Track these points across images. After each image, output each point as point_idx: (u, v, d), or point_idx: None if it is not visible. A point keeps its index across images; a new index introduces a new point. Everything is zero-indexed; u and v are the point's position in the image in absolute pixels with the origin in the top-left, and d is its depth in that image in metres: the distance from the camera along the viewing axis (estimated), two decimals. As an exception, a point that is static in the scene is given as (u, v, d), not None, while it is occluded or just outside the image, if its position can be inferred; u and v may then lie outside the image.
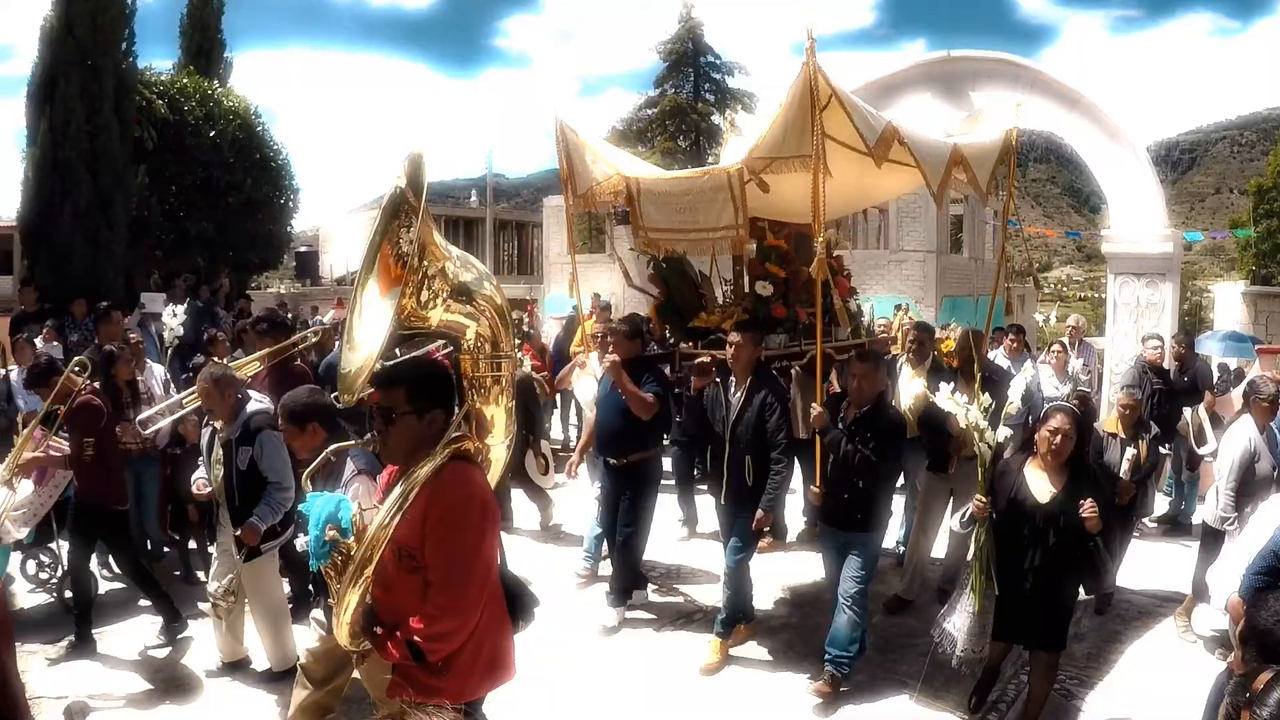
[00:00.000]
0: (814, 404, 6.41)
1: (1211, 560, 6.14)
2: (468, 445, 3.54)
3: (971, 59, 12.95)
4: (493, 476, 3.86)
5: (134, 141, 17.95)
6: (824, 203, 5.90)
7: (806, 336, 7.56)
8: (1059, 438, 5.24)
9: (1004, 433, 5.61)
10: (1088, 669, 6.60)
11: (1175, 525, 10.25)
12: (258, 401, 6.30)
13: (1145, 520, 10.03)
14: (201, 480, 6.35)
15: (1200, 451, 10.10)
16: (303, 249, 35.38)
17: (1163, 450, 9.25)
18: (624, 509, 7.45)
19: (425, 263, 3.52)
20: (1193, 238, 20.55)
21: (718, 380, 6.84)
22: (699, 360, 7.16)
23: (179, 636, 6.90)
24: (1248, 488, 6.74)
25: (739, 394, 6.63)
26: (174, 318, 8.84)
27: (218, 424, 6.22)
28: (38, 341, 10.74)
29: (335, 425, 5.19)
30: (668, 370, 7.76)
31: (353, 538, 3.44)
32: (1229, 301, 26.06)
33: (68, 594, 7.31)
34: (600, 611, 7.44)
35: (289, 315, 17.13)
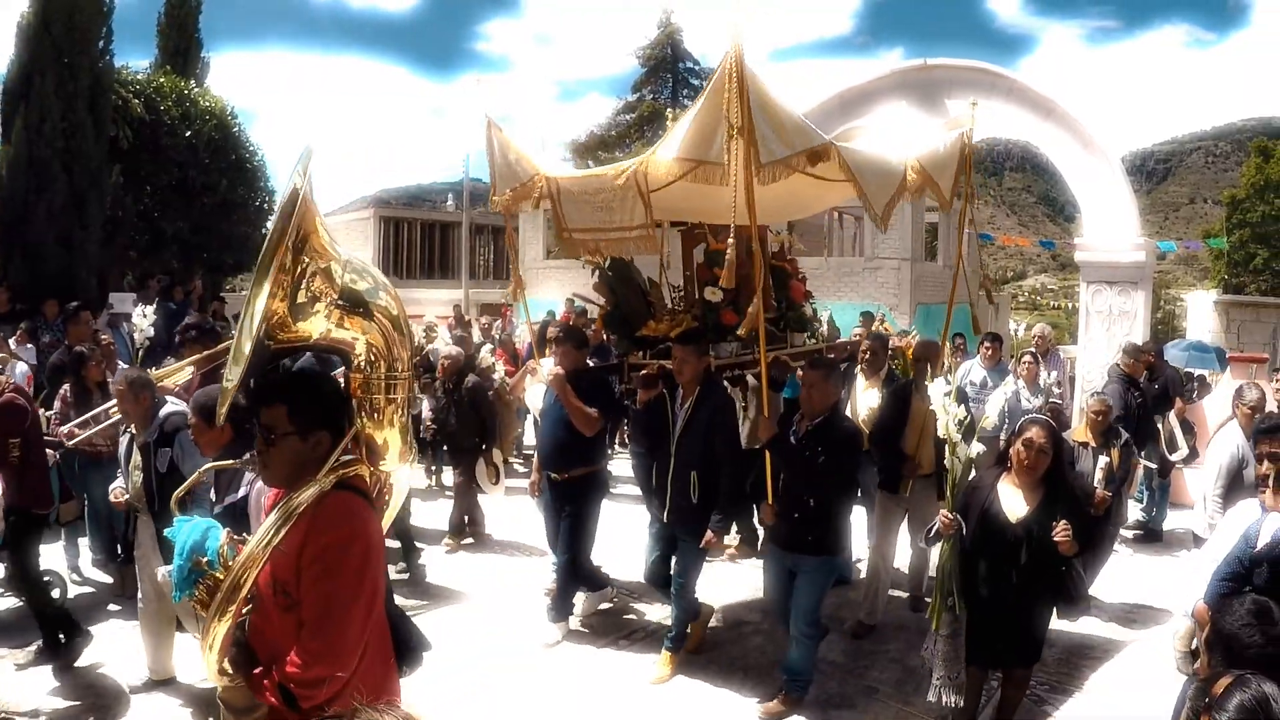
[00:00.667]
0: (763, 416, 6.09)
1: None
2: (360, 472, 3.27)
3: (947, 67, 13.04)
4: (395, 503, 3.64)
5: (109, 141, 17.84)
6: (746, 207, 5.56)
7: (755, 344, 7.21)
8: (1033, 452, 5.01)
9: (976, 448, 5.20)
10: (1058, 674, 6.62)
11: (1147, 533, 10.31)
12: (174, 404, 6.24)
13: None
14: (118, 489, 6.30)
15: (1172, 458, 10.18)
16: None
17: (1141, 458, 9.22)
18: (565, 526, 7.23)
19: (305, 259, 3.13)
20: (1166, 247, 20.67)
21: (665, 392, 6.65)
22: (644, 372, 6.97)
23: (76, 653, 6.66)
24: (1235, 494, 6.69)
25: (686, 407, 6.43)
26: (144, 319, 8.78)
27: (134, 429, 6.17)
28: (11, 343, 10.65)
29: (246, 430, 4.90)
30: (617, 381, 7.64)
31: (220, 569, 3.13)
32: (1201, 310, 26.28)
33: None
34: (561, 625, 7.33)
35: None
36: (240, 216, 21.96)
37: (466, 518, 9.91)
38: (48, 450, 7.01)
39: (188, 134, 19.84)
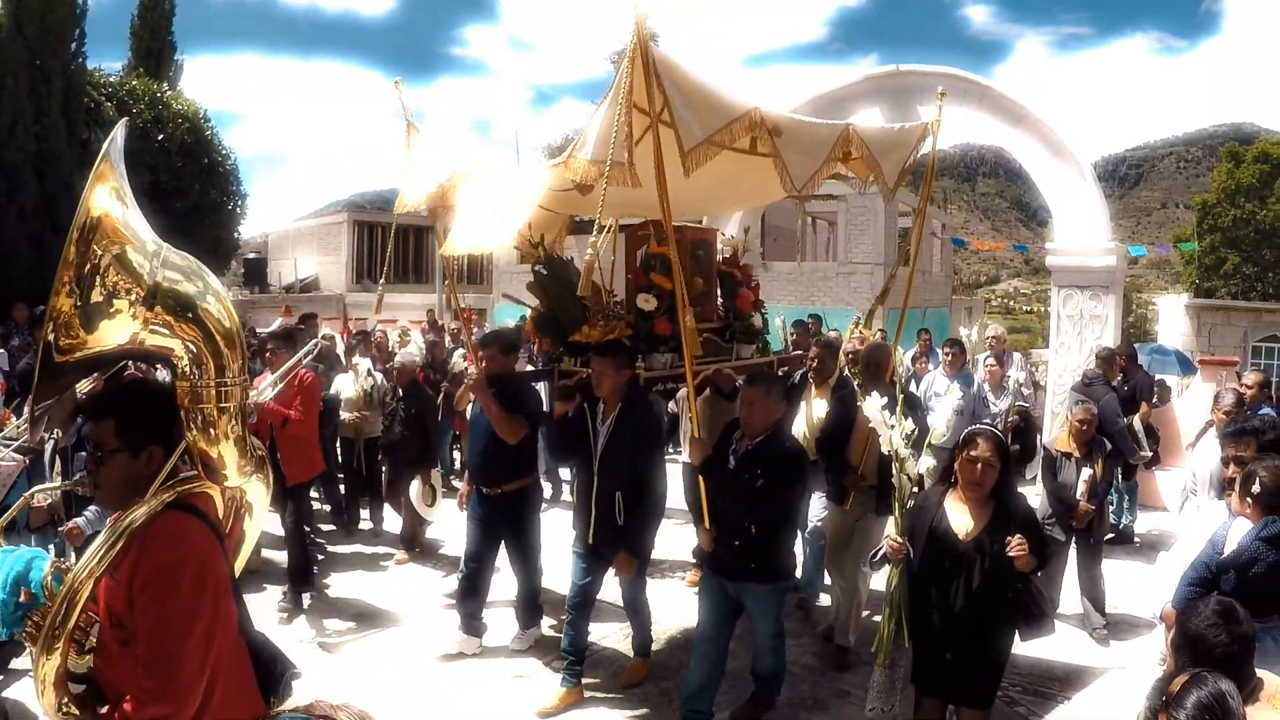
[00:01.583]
0: (694, 436, 5.65)
1: None
2: (204, 490, 3.01)
3: (920, 74, 13.08)
4: (256, 524, 3.42)
5: (81, 144, 17.77)
6: (664, 204, 5.24)
7: (702, 354, 6.80)
8: (979, 467, 4.55)
9: (925, 463, 4.90)
10: (1029, 676, 6.64)
11: (1119, 536, 10.37)
12: None
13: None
14: (40, 494, 6.25)
15: (1131, 461, 10.24)
16: (251, 256, 35.09)
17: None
18: (512, 553, 6.99)
19: (98, 249, 2.77)
20: (1137, 252, 20.82)
21: (585, 405, 6.25)
22: (560, 383, 6.54)
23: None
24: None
25: (608, 423, 6.05)
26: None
27: (57, 434, 6.13)
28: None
29: None
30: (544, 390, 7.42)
31: (47, 601, 2.88)
32: (1172, 314, 26.49)
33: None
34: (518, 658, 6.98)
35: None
36: (213, 220, 21.88)
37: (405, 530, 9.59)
38: (17, 456, 6.96)
39: (160, 137, 19.75)
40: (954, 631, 4.61)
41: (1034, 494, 9.60)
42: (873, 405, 5.02)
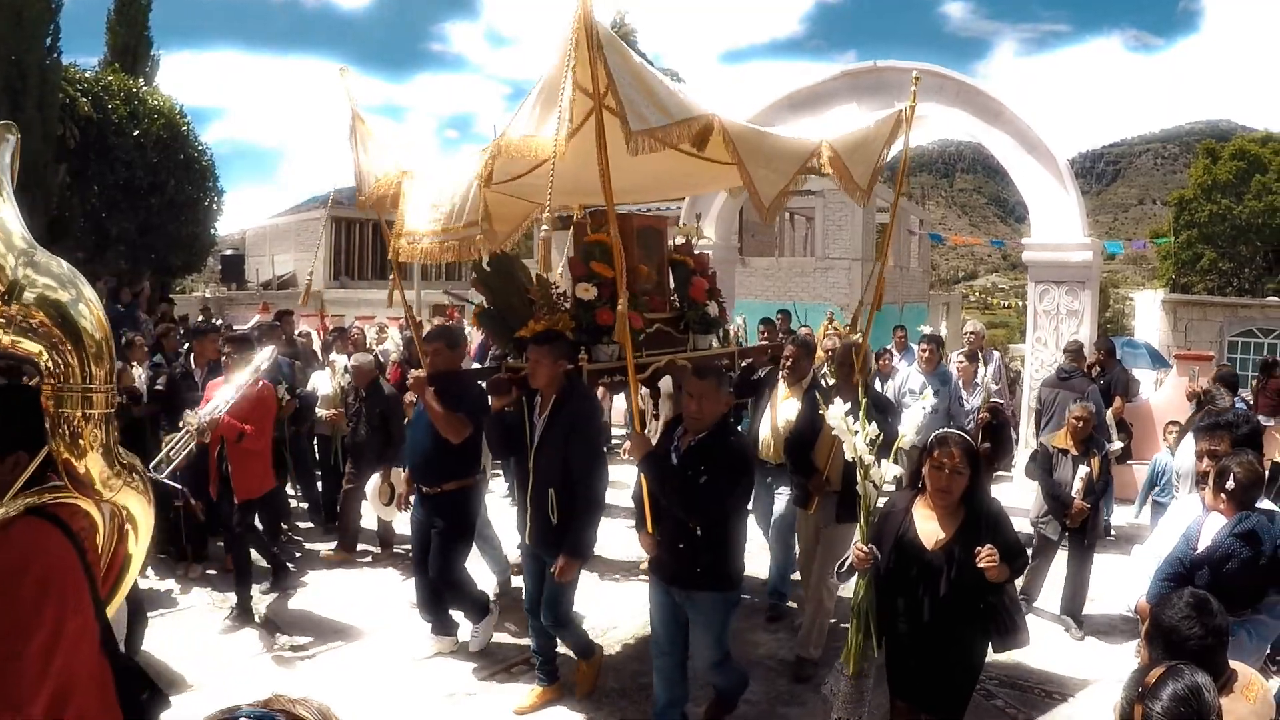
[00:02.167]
0: (634, 430, 5.48)
1: None
2: (65, 500, 2.86)
3: (897, 70, 13.09)
4: (142, 547, 3.23)
5: (56, 139, 17.66)
6: (606, 187, 5.00)
7: (650, 346, 6.77)
8: (945, 473, 4.31)
9: (891, 470, 4.63)
10: (1008, 669, 6.64)
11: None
12: None
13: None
14: None
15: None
16: (228, 253, 34.93)
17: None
18: (434, 547, 6.64)
19: None
20: (1113, 248, 20.94)
21: (524, 400, 5.97)
22: (496, 376, 6.26)
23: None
24: None
25: (543, 416, 5.78)
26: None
27: None
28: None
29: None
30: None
31: None
32: (1149, 309, 26.63)
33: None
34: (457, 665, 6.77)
35: (215, 320, 16.92)
36: (189, 217, 21.78)
37: (341, 530, 9.39)
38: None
39: (135, 133, 19.65)
40: (922, 642, 4.41)
41: (1031, 490, 9.64)
42: (835, 413, 4.70)
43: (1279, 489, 5.95)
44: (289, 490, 10.34)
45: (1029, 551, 7.01)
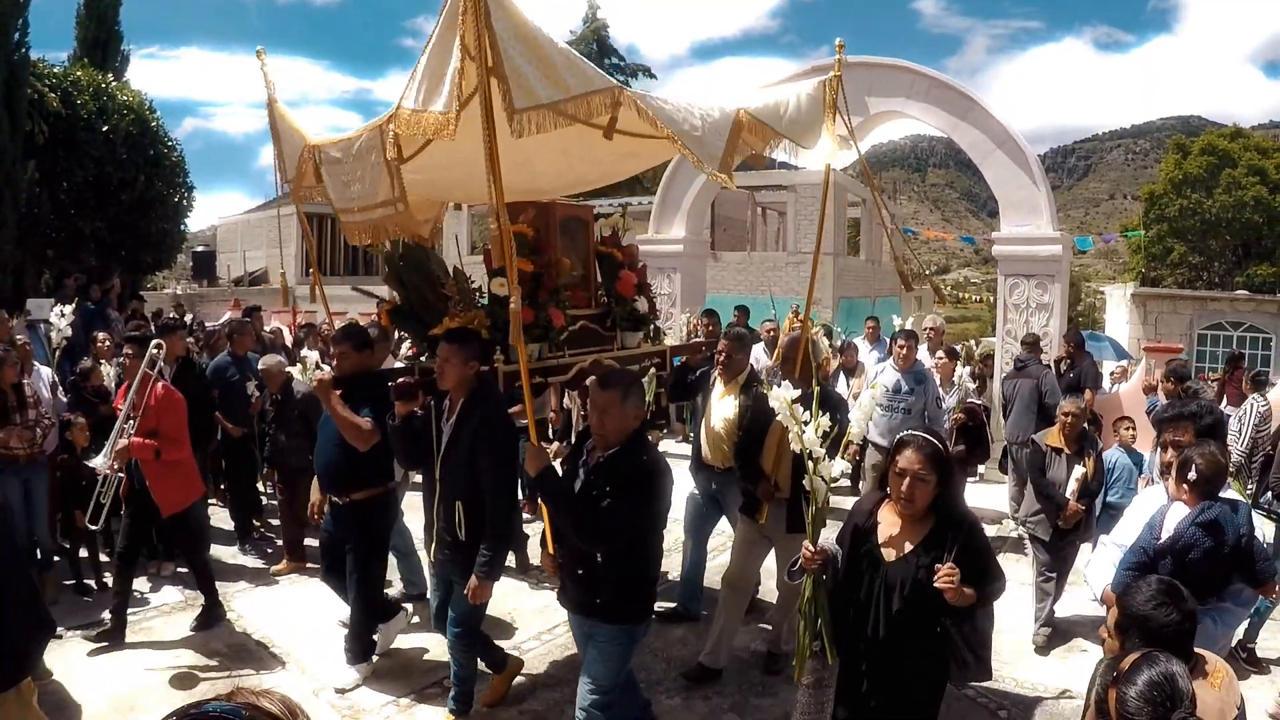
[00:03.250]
0: (530, 442, 4.81)
1: None
2: None
3: (867, 65, 13.19)
4: None
5: (25, 135, 17.53)
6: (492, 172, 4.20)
7: (573, 345, 6.33)
8: (906, 481, 3.92)
9: (839, 466, 4.29)
10: (993, 664, 6.67)
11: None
12: None
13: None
14: None
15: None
16: (199, 249, 34.79)
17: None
18: (350, 562, 6.23)
19: None
20: (1083, 244, 21.08)
21: (433, 404, 5.52)
22: (400, 380, 5.66)
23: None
24: None
25: (450, 422, 5.32)
26: (61, 319, 8.65)
27: None
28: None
29: None
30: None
31: None
32: (1121, 303, 26.82)
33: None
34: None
35: (186, 316, 16.84)
36: (159, 213, 21.64)
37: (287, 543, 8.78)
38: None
39: (105, 129, 19.51)
40: (874, 660, 4.05)
41: (1002, 492, 9.67)
42: (779, 394, 4.39)
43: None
44: (262, 488, 10.30)
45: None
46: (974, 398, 10.37)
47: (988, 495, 11.26)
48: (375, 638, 6.49)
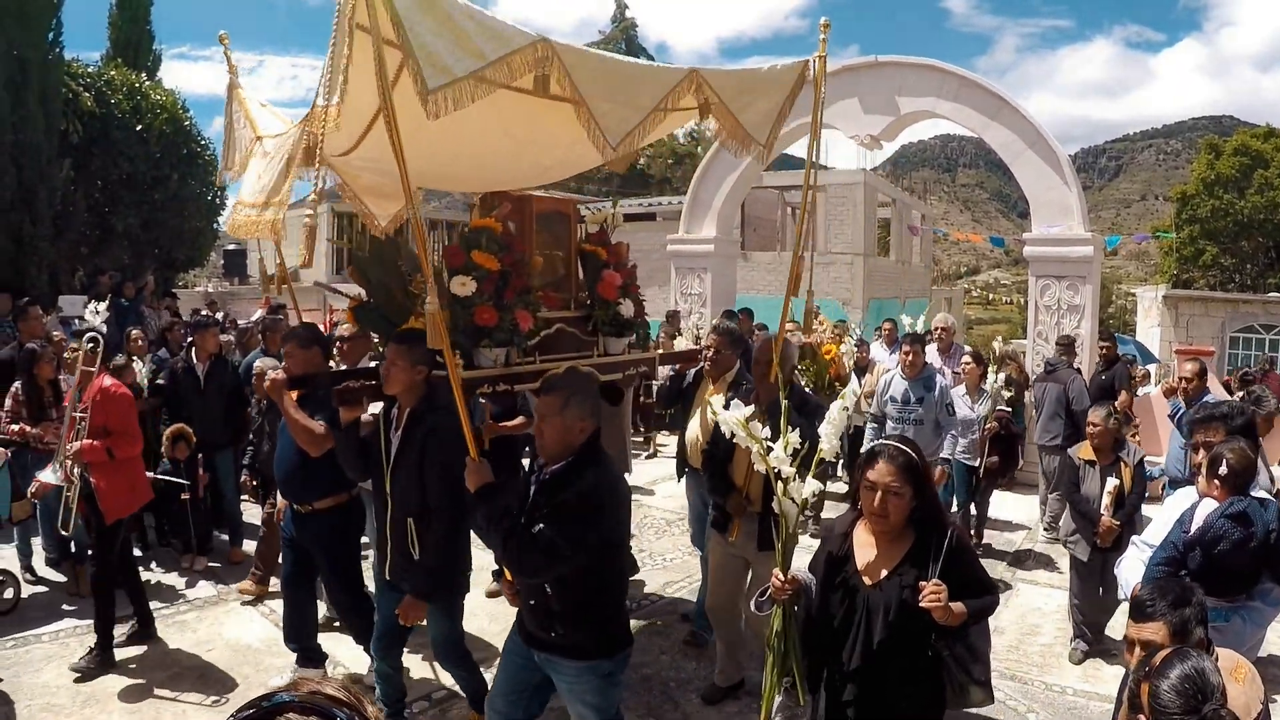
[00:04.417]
0: (470, 457, 4.31)
1: None
2: None
3: (897, 64, 13.16)
4: None
5: (59, 134, 17.70)
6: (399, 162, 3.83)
7: (549, 350, 5.85)
8: (877, 495, 3.56)
9: (811, 486, 3.88)
10: (1008, 661, 6.69)
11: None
12: None
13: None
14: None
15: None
16: (231, 247, 34.98)
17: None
18: (322, 574, 5.97)
19: None
20: (1112, 243, 20.95)
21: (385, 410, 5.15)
22: (345, 385, 5.28)
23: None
24: None
25: (399, 431, 4.95)
26: (95, 315, 8.72)
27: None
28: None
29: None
30: None
31: None
32: (1151, 305, 26.67)
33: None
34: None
35: (219, 314, 16.96)
36: (192, 211, 21.82)
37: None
38: (2, 449, 6.98)
39: (138, 127, 19.68)
40: (857, 695, 3.67)
41: (1034, 501, 9.60)
42: (728, 416, 3.99)
43: None
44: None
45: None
46: (1004, 405, 9.61)
47: (1017, 505, 11.18)
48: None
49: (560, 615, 4.03)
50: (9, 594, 7.28)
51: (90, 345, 6.55)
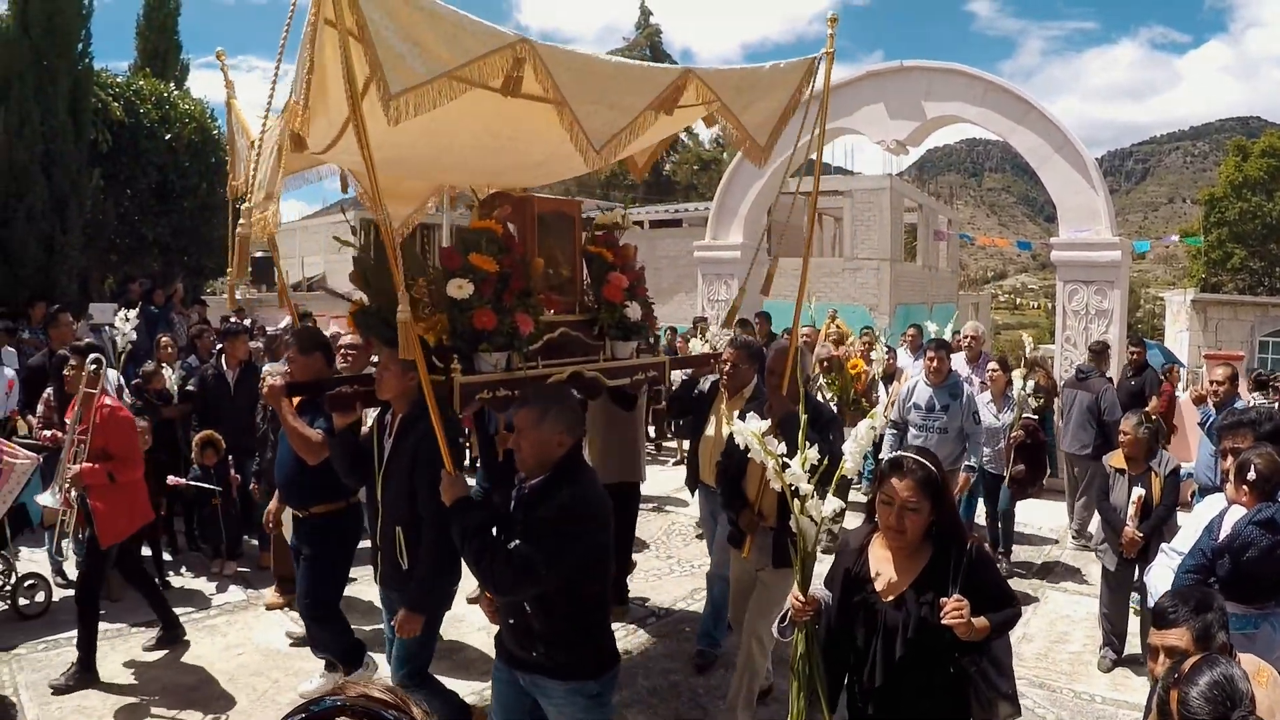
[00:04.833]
0: (445, 470, 4.19)
1: None
2: None
3: (924, 69, 13.14)
4: None
5: (89, 144, 17.86)
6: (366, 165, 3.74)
7: (552, 355, 5.63)
8: (894, 510, 3.46)
9: (833, 505, 3.63)
10: (1036, 669, 6.67)
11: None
12: None
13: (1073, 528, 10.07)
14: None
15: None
16: (259, 254, 35.18)
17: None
18: (300, 573, 5.91)
19: None
20: (1141, 247, 20.86)
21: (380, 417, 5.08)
22: (338, 389, 5.24)
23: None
24: None
25: (391, 438, 4.86)
26: (126, 323, 8.80)
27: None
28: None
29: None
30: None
31: None
32: (1179, 310, 26.51)
33: (21, 601, 7.27)
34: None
35: (246, 320, 17.06)
36: (221, 219, 21.93)
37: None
38: (31, 454, 7.03)
39: (167, 137, 19.85)
40: (874, 712, 3.59)
41: (1060, 510, 9.54)
42: (742, 428, 3.78)
43: None
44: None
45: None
46: (1030, 413, 9.32)
47: (1046, 512, 11.04)
48: (327, 682, 5.99)
49: (540, 635, 3.87)
50: (40, 597, 7.34)
51: (93, 366, 6.42)
